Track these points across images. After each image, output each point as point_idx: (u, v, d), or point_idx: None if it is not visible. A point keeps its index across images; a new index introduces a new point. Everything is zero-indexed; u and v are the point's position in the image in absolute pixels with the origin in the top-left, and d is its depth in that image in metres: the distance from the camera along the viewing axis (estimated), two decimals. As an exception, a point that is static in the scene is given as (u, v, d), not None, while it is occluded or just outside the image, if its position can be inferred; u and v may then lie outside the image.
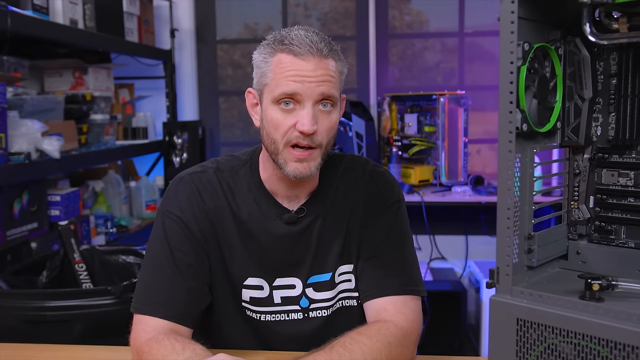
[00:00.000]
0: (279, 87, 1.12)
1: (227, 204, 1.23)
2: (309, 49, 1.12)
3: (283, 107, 1.13)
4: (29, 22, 2.01)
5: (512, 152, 0.88)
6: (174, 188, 1.24)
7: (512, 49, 0.87)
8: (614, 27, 0.89)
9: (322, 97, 1.13)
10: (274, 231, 1.23)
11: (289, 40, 1.12)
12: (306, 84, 1.11)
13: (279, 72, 1.13)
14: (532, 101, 0.93)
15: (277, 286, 1.24)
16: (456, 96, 3.08)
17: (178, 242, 1.19)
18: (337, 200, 1.27)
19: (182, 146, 3.20)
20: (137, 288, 1.20)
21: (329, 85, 1.13)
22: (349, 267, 1.26)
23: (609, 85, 0.96)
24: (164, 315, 1.15)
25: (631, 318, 0.79)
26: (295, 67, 1.11)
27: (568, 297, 0.86)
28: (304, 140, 1.13)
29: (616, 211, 0.98)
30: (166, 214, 1.21)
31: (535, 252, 0.94)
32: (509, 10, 0.86)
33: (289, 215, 1.23)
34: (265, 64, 1.15)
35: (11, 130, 1.91)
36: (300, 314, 1.25)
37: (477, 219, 3.23)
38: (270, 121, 1.14)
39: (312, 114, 1.12)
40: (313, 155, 1.15)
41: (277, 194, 1.24)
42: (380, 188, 1.29)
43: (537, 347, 0.86)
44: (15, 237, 2.07)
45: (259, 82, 1.17)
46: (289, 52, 1.12)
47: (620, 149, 0.96)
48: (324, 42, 1.14)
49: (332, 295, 1.25)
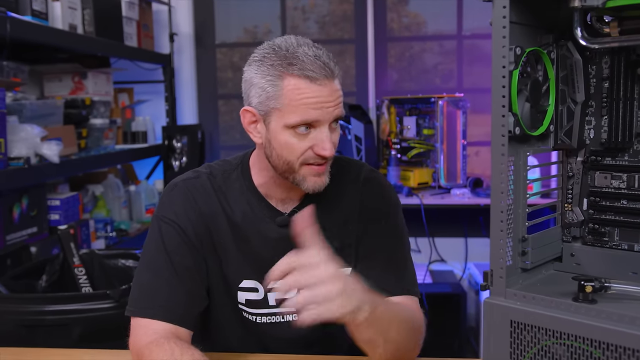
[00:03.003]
0: (296, 114, 1.10)
1: (221, 208, 1.23)
2: (323, 71, 1.10)
3: (298, 132, 1.12)
4: (28, 27, 2.02)
5: (505, 156, 0.89)
6: (168, 194, 1.25)
7: (504, 53, 0.88)
8: (606, 31, 0.90)
9: (336, 119, 1.15)
10: (268, 234, 1.23)
11: (299, 62, 1.10)
12: (325, 109, 1.11)
13: (295, 98, 1.10)
14: (525, 105, 0.94)
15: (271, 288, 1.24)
16: (455, 99, 3.09)
17: (175, 245, 1.20)
18: (331, 203, 1.27)
19: (182, 150, 3.21)
20: (133, 292, 1.20)
21: (340, 105, 1.14)
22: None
23: (601, 89, 0.97)
24: (164, 318, 1.15)
25: (623, 319, 0.80)
26: (314, 94, 1.10)
27: (561, 299, 0.86)
28: (322, 160, 1.14)
29: (609, 213, 0.98)
30: (162, 218, 1.22)
31: (529, 255, 0.95)
32: (500, 15, 0.87)
33: (282, 218, 1.23)
34: (274, 88, 1.11)
35: (11, 135, 1.92)
36: (295, 315, 1.24)
37: (476, 221, 3.23)
38: (285, 145, 1.14)
39: (330, 138, 1.13)
40: (327, 167, 1.18)
41: (270, 197, 1.25)
42: (377, 193, 1.30)
43: (530, 348, 0.87)
44: (15, 242, 2.08)
45: (264, 103, 1.13)
46: (305, 78, 1.09)
47: (613, 152, 0.97)
48: (330, 59, 1.13)
49: None
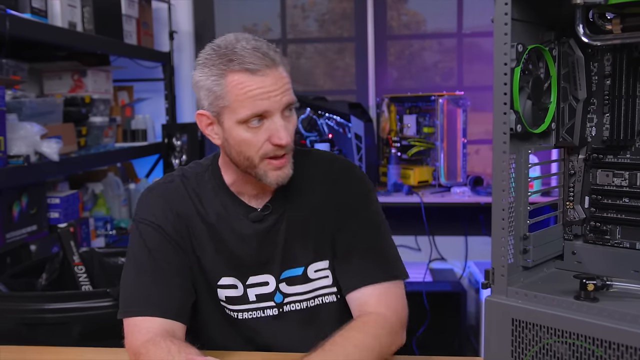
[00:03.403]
0: (245, 108, 1.11)
1: (195, 210, 1.25)
2: (263, 61, 1.10)
3: (251, 126, 1.13)
4: (28, 25, 2.01)
5: (506, 153, 0.89)
6: (144, 199, 1.27)
7: (506, 50, 0.87)
8: (608, 28, 0.90)
9: (286, 105, 1.14)
10: (242, 231, 1.24)
11: (238, 57, 1.10)
12: (272, 98, 1.11)
13: (239, 93, 1.11)
14: (527, 102, 0.94)
15: (250, 284, 1.26)
16: (455, 97, 3.08)
17: (157, 244, 1.21)
18: (304, 197, 1.27)
19: (182, 148, 3.20)
20: (123, 294, 1.21)
21: (289, 92, 1.14)
22: (324, 264, 1.27)
23: (603, 86, 0.97)
24: (156, 314, 1.16)
25: (625, 318, 0.80)
26: (256, 85, 1.10)
27: (563, 297, 0.86)
28: (281, 151, 1.15)
29: (611, 211, 0.98)
30: (141, 221, 1.24)
31: (530, 253, 0.95)
32: (502, 11, 0.87)
33: (255, 214, 1.24)
34: (219, 86, 1.12)
35: (10, 134, 1.92)
36: (275, 309, 1.26)
37: (477, 220, 3.23)
38: (241, 141, 1.15)
39: (284, 126, 1.13)
40: (288, 159, 1.18)
41: (243, 194, 1.26)
42: (350, 182, 1.30)
43: (532, 347, 0.87)
44: (15, 240, 2.07)
45: (213, 104, 1.14)
46: (245, 71, 1.10)
47: (615, 150, 0.97)
48: (270, 48, 1.13)
49: (306, 290, 1.26)
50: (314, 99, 3.22)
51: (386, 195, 2.96)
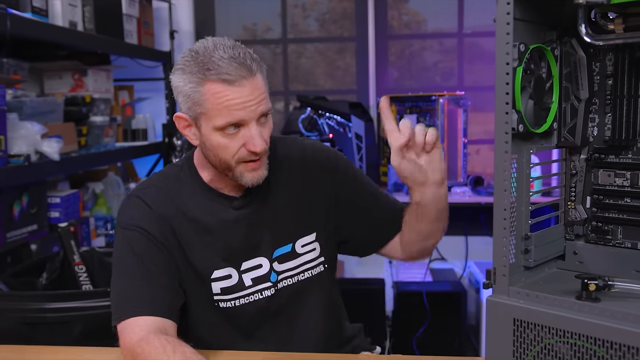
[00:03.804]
0: (221, 117, 1.14)
1: (178, 209, 1.27)
2: (240, 72, 1.12)
3: (228, 133, 1.16)
4: (29, 24, 2.01)
5: (508, 153, 0.89)
6: (125, 206, 1.29)
7: (508, 50, 0.87)
8: (610, 28, 0.90)
9: (262, 114, 1.17)
10: (228, 219, 1.27)
11: (215, 66, 1.12)
12: (247, 108, 1.14)
13: (216, 102, 1.13)
14: (529, 102, 0.94)
15: (245, 270, 1.28)
16: (455, 97, 3.08)
17: (143, 248, 1.22)
18: (282, 177, 1.32)
19: (182, 147, 3.20)
20: (113, 300, 1.22)
21: (265, 101, 1.17)
22: (311, 237, 1.33)
23: (605, 86, 0.96)
24: (149, 313, 1.17)
25: (627, 318, 0.80)
26: (233, 96, 1.12)
27: (565, 298, 0.86)
28: (256, 156, 1.19)
29: (613, 211, 0.98)
30: (124, 226, 1.25)
31: (532, 253, 0.95)
32: (504, 11, 0.87)
33: (238, 202, 1.28)
34: (197, 94, 1.14)
35: (11, 133, 1.92)
36: (273, 289, 1.29)
37: (477, 220, 3.23)
38: (218, 146, 1.18)
39: (260, 134, 1.17)
40: (263, 161, 1.22)
41: (222, 188, 1.29)
42: (322, 154, 1.38)
43: (534, 347, 0.86)
44: (15, 239, 2.07)
45: (191, 109, 1.17)
46: (222, 82, 1.12)
47: (617, 150, 0.97)
48: (247, 56, 1.14)
49: (296, 264, 1.31)
50: (314, 99, 3.22)
51: (387, 195, 2.96)
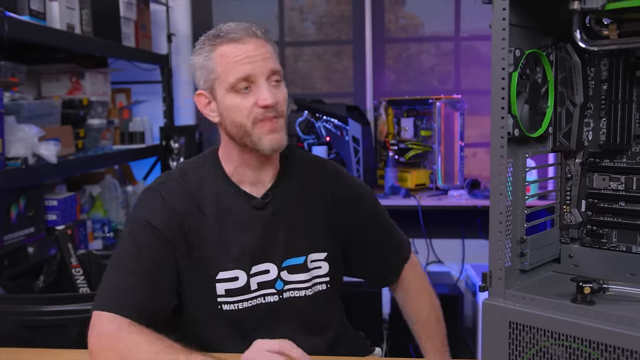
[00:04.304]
0: (231, 74, 1.20)
1: (195, 205, 1.27)
2: (245, 32, 1.22)
3: (241, 92, 1.21)
4: (26, 27, 2.01)
5: (504, 157, 0.89)
6: (141, 199, 1.29)
7: (504, 55, 0.88)
8: (604, 34, 0.91)
9: (271, 72, 1.22)
10: (244, 218, 1.27)
11: (224, 32, 1.22)
12: (255, 63, 1.20)
13: (225, 62, 1.21)
14: (524, 107, 0.94)
15: (253, 273, 1.27)
16: (452, 100, 3.09)
17: (144, 239, 1.22)
18: (303, 188, 1.34)
19: (179, 150, 3.20)
20: (102, 288, 1.21)
21: (273, 61, 1.23)
22: (320, 255, 1.33)
23: (600, 91, 0.97)
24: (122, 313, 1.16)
25: (622, 321, 0.80)
26: (239, 52, 1.20)
27: (560, 300, 0.87)
28: (270, 113, 1.21)
29: (607, 215, 0.99)
30: (134, 220, 1.26)
31: (527, 256, 0.96)
32: (500, 17, 0.87)
33: (256, 202, 1.28)
34: (209, 61, 1.22)
35: (8, 136, 1.92)
36: (276, 296, 1.29)
37: (474, 223, 3.24)
38: (231, 108, 1.22)
39: (269, 88, 1.21)
40: (280, 124, 1.23)
41: (243, 182, 1.29)
42: (348, 185, 1.41)
43: (529, 349, 0.87)
44: (12, 242, 2.07)
45: (207, 80, 1.24)
46: (229, 41, 1.21)
47: (611, 154, 0.98)
48: (255, 26, 1.24)
49: (306, 278, 1.31)
50: (311, 102, 3.23)
51: (383, 198, 2.96)
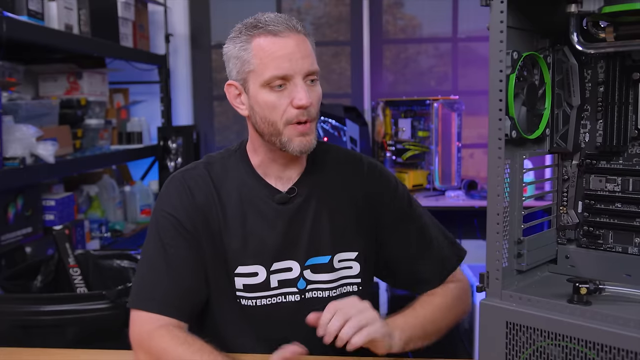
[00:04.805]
0: (268, 70, 1.14)
1: (217, 198, 1.24)
2: (285, 25, 1.15)
3: (275, 89, 1.15)
4: (24, 27, 2.02)
5: (501, 159, 0.90)
6: (166, 187, 1.27)
7: (502, 57, 0.88)
8: (601, 37, 0.91)
9: (308, 72, 1.16)
10: (267, 213, 1.24)
11: (263, 23, 1.15)
12: (294, 61, 1.14)
13: (264, 55, 1.14)
14: (521, 108, 0.95)
15: (274, 270, 1.23)
16: (450, 101, 3.10)
17: (171, 238, 1.21)
18: (332, 185, 1.28)
19: (177, 151, 3.21)
20: (134, 285, 1.23)
21: (310, 59, 1.17)
22: (350, 255, 1.27)
23: (597, 93, 0.98)
24: (158, 311, 1.17)
25: (618, 321, 0.81)
26: (279, 46, 1.14)
27: (557, 301, 0.87)
28: (304, 116, 1.16)
29: (604, 216, 1.00)
30: (159, 212, 1.24)
31: (524, 257, 0.96)
32: (498, 19, 0.88)
33: (280, 195, 1.24)
34: (245, 52, 1.16)
35: (6, 135, 1.92)
36: (297, 295, 1.24)
37: (471, 223, 3.25)
38: (265, 105, 1.16)
39: (305, 89, 1.15)
40: (312, 127, 1.18)
41: (269, 176, 1.26)
42: (384, 184, 1.32)
43: (526, 349, 0.88)
44: (10, 242, 2.07)
45: (240, 71, 1.18)
46: (268, 34, 1.14)
47: (608, 155, 0.98)
48: (295, 20, 1.18)
49: (331, 279, 1.26)
50: (309, 103, 3.23)
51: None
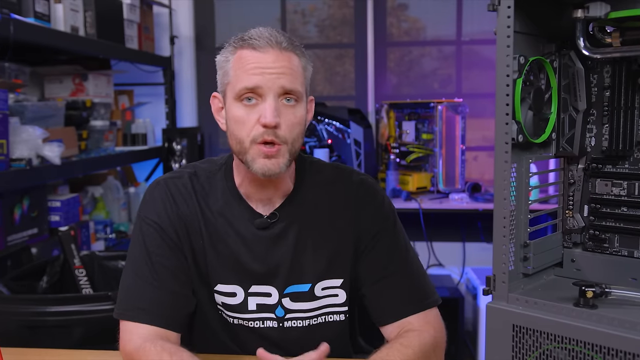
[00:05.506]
0: (239, 82, 1.11)
1: (199, 210, 1.22)
2: (268, 41, 1.12)
3: (246, 104, 1.11)
4: (31, 29, 2.02)
5: (508, 163, 0.90)
6: (150, 192, 1.25)
7: (508, 62, 0.89)
8: (608, 41, 0.92)
9: (283, 90, 1.11)
10: (246, 236, 1.21)
11: (249, 36, 1.14)
12: (266, 76, 1.10)
13: (239, 67, 1.12)
14: (528, 113, 0.95)
15: (252, 293, 1.21)
16: (454, 104, 3.10)
17: (156, 246, 1.20)
18: (319, 209, 1.23)
19: (181, 152, 3.21)
20: (119, 294, 1.21)
21: (290, 78, 1.11)
22: (335, 282, 1.22)
23: (603, 97, 0.98)
24: (147, 321, 1.15)
25: (624, 324, 0.81)
26: (254, 60, 1.11)
27: (563, 304, 0.88)
28: (269, 136, 1.10)
29: (610, 220, 1.00)
30: (143, 219, 1.22)
31: (530, 260, 0.96)
32: (505, 24, 0.88)
33: (260, 220, 1.20)
34: (227, 63, 1.15)
35: (12, 137, 1.93)
36: (275, 322, 1.22)
37: (475, 226, 3.25)
38: (233, 119, 1.13)
39: (275, 107, 1.10)
40: (280, 151, 1.12)
41: (250, 197, 1.22)
42: (372, 204, 1.25)
43: (532, 353, 0.88)
44: (16, 243, 2.08)
45: (221, 82, 1.17)
46: (249, 47, 1.12)
47: (614, 160, 0.99)
48: (285, 37, 1.14)
49: (311, 307, 1.22)
50: (313, 105, 3.24)
51: (385, 201, 2.97)
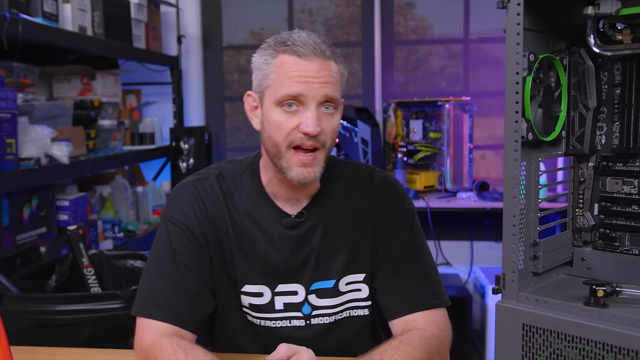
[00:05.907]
0: (282, 88, 1.12)
1: (227, 211, 1.23)
2: (313, 50, 1.12)
3: (286, 109, 1.13)
4: (39, 29, 2.03)
5: (517, 161, 0.90)
6: (177, 194, 1.25)
7: (518, 59, 0.89)
8: (618, 39, 0.91)
9: (325, 98, 1.13)
10: (273, 236, 1.22)
11: (292, 41, 1.13)
12: (310, 85, 1.11)
13: (282, 73, 1.12)
14: (538, 110, 0.95)
15: (279, 292, 1.23)
16: (461, 102, 3.09)
17: (181, 246, 1.20)
18: (342, 207, 1.25)
19: (189, 151, 3.22)
20: (139, 291, 1.21)
21: (332, 87, 1.13)
22: (358, 277, 1.24)
23: (613, 95, 0.98)
24: (165, 319, 1.16)
25: (635, 324, 0.81)
26: (299, 67, 1.11)
27: (573, 303, 0.87)
28: (308, 142, 1.12)
29: (620, 218, 0.99)
30: (170, 219, 1.22)
31: (540, 259, 0.96)
32: (514, 22, 0.88)
33: (288, 220, 1.22)
34: (267, 66, 1.15)
35: (21, 136, 1.93)
36: (302, 321, 1.23)
37: (482, 225, 3.24)
38: (272, 123, 1.14)
39: (317, 116, 1.12)
40: (317, 158, 1.15)
41: (277, 197, 1.24)
42: (391, 199, 1.28)
43: (542, 352, 0.88)
44: (25, 242, 2.09)
45: (259, 84, 1.17)
46: (292, 53, 1.12)
47: (624, 158, 0.98)
48: (326, 45, 1.15)
49: (336, 303, 1.24)
50: (320, 104, 3.24)
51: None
